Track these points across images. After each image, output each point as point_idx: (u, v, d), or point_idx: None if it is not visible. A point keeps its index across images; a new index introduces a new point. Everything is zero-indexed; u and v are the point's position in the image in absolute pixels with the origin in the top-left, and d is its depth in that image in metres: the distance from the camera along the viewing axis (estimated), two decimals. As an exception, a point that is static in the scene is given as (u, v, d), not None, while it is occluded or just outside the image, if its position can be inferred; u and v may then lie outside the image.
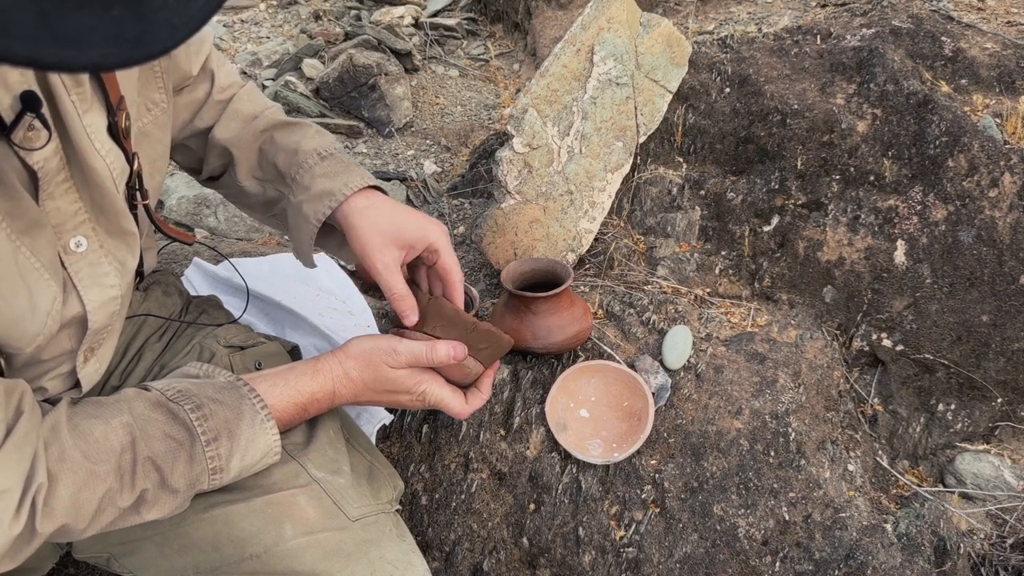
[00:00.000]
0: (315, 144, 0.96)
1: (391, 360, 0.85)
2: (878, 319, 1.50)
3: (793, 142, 1.59)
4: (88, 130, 0.70)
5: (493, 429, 1.30)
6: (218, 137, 0.99)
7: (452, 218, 2.07)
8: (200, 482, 0.75)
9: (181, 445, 0.73)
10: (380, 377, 0.86)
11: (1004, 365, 1.46)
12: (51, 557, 0.95)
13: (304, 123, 1.02)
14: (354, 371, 0.85)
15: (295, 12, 3.28)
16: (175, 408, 0.74)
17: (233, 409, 0.77)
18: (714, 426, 1.28)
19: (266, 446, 0.78)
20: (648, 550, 1.17)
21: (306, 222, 0.92)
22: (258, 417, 0.78)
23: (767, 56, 1.74)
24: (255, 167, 1.00)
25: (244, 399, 0.78)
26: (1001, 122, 1.55)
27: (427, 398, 0.89)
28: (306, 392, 0.83)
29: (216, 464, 0.75)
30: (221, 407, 0.76)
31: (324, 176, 0.92)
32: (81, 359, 0.78)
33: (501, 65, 3.08)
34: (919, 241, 1.48)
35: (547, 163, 1.54)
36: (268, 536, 0.81)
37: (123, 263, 0.76)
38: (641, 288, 1.58)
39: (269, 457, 0.79)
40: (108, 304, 0.76)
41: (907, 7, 1.80)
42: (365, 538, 0.85)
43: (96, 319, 0.75)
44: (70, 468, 0.67)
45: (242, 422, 0.76)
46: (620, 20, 1.58)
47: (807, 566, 1.16)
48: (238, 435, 0.76)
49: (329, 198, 0.90)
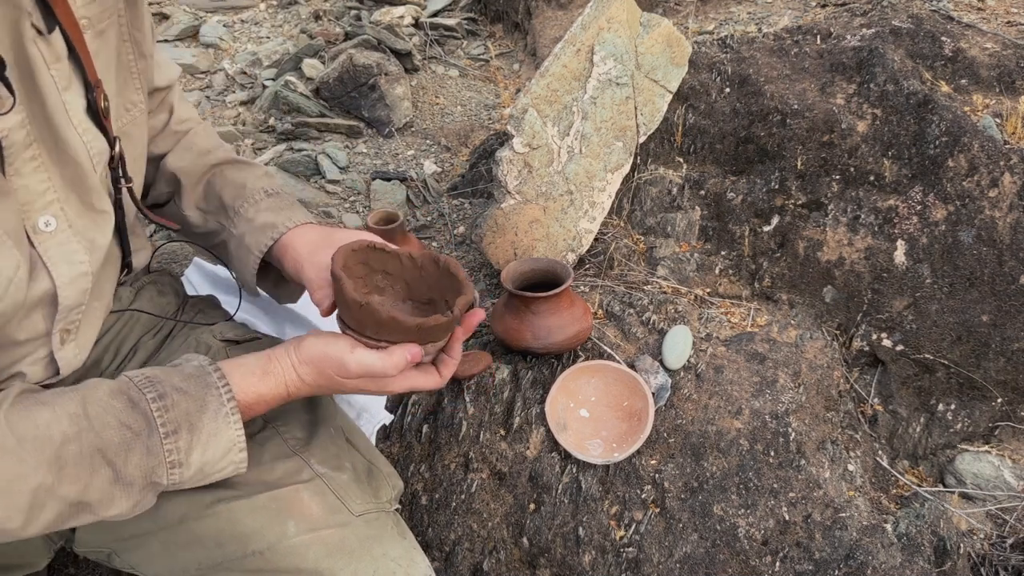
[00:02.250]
0: (263, 183, 0.98)
1: (342, 372, 0.80)
2: (878, 319, 1.50)
3: (793, 142, 1.59)
4: (67, 106, 0.71)
5: (493, 429, 1.30)
6: (170, 165, 1.01)
7: (452, 218, 2.07)
8: (157, 475, 0.71)
9: (137, 436, 0.70)
10: (333, 385, 0.82)
11: (1004, 365, 1.46)
12: (43, 554, 0.93)
13: (253, 163, 1.04)
14: (308, 376, 0.81)
15: (295, 12, 3.28)
16: (136, 396, 0.71)
17: (197, 400, 0.73)
18: (714, 426, 1.28)
19: (229, 441, 0.74)
20: (648, 550, 1.17)
21: (248, 253, 0.93)
22: (223, 410, 0.74)
23: (767, 56, 1.74)
24: (200, 198, 1.01)
25: (210, 389, 0.74)
26: (1001, 122, 1.55)
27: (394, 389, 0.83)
28: (252, 393, 0.78)
29: (175, 457, 0.71)
30: (184, 397, 0.73)
31: (268, 210, 0.94)
32: (57, 340, 0.78)
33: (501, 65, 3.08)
34: (919, 241, 1.48)
35: (547, 163, 1.54)
36: (272, 533, 0.81)
37: (92, 241, 0.76)
38: (641, 288, 1.58)
39: (233, 453, 0.75)
40: (78, 280, 0.75)
41: (907, 7, 1.80)
42: (368, 535, 0.85)
43: (67, 295, 0.74)
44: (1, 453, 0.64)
45: (204, 415, 0.73)
46: (620, 20, 1.58)
47: (807, 566, 1.16)
48: (200, 428, 0.72)
49: (272, 230, 0.92)
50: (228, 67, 2.95)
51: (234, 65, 2.95)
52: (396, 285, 0.91)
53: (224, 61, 2.99)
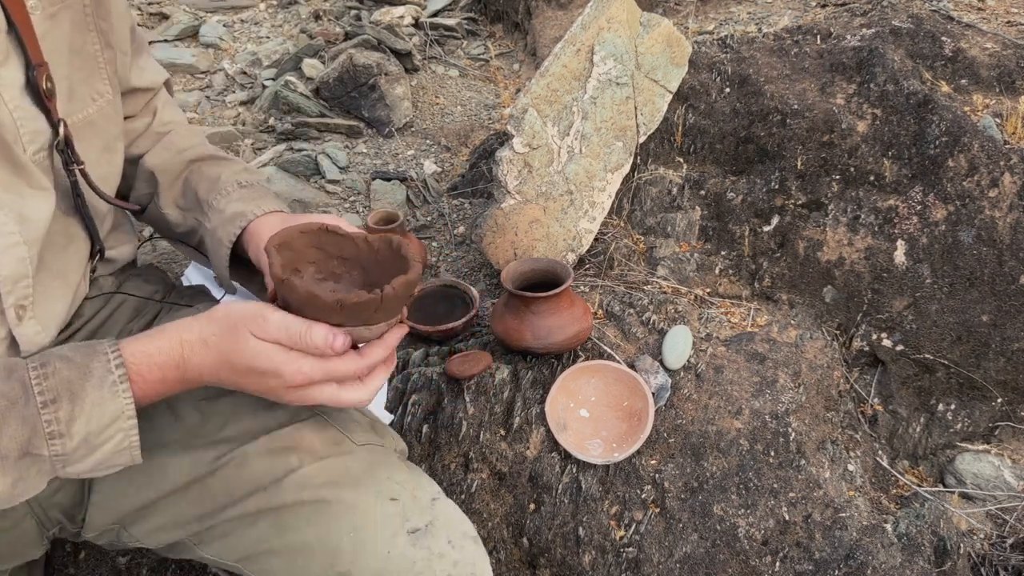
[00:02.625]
0: (238, 177, 0.97)
1: (257, 328, 0.70)
2: (878, 319, 1.50)
3: (793, 142, 1.59)
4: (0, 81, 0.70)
5: (493, 429, 1.30)
6: (147, 164, 1.00)
7: (452, 218, 2.07)
8: (35, 447, 0.66)
9: (13, 404, 0.65)
10: (241, 348, 0.71)
11: (1004, 365, 1.46)
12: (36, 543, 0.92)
13: (233, 158, 1.02)
14: (213, 336, 0.72)
15: (295, 12, 3.28)
16: (15, 365, 0.67)
17: (80, 368, 0.68)
18: (714, 426, 1.28)
19: (116, 410, 0.68)
20: (648, 550, 1.17)
21: (220, 245, 0.91)
22: (110, 377, 0.68)
23: (767, 56, 1.74)
24: (178, 196, 1.00)
25: (96, 356, 0.69)
26: (1001, 122, 1.55)
27: (310, 395, 0.73)
28: (139, 353, 0.71)
29: (55, 428, 0.66)
30: (67, 365, 0.68)
31: (239, 200, 0.93)
32: (13, 315, 0.76)
33: (501, 65, 3.08)
34: (919, 241, 1.48)
35: (547, 163, 1.54)
36: (276, 469, 0.80)
37: (21, 214, 0.74)
38: (641, 288, 1.58)
39: (121, 421, 0.69)
40: (12, 250, 0.73)
41: (907, 7, 1.80)
42: (372, 461, 0.84)
43: (3, 264, 0.73)
44: None
45: (88, 382, 0.68)
46: (620, 20, 1.58)
47: (807, 566, 1.16)
48: (82, 397, 0.67)
49: (240, 219, 0.90)
50: (228, 67, 2.95)
51: (234, 65, 2.95)
52: (353, 271, 0.85)
53: (224, 61, 2.99)
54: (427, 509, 0.84)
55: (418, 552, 0.80)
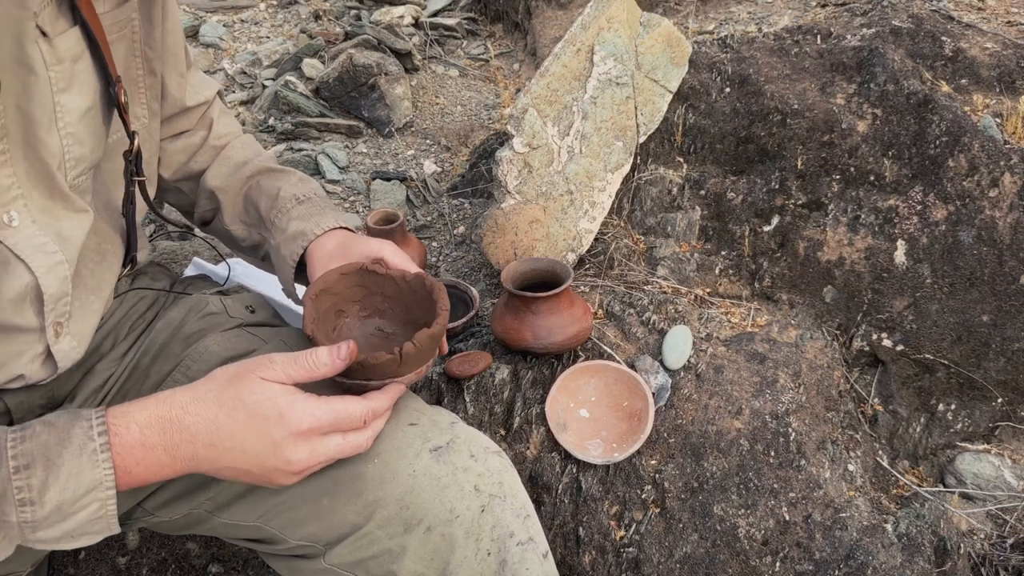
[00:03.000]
0: (295, 190, 0.98)
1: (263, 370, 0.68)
2: (878, 319, 1.50)
3: (793, 142, 1.59)
4: (58, 108, 0.71)
5: (493, 429, 1.30)
6: (208, 183, 1.02)
7: (452, 218, 2.07)
8: (4, 512, 0.62)
9: None
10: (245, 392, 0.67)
11: (1004, 365, 1.46)
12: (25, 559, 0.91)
13: (289, 170, 1.04)
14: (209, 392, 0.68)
15: (295, 12, 3.28)
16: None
17: (60, 433, 0.64)
18: (714, 426, 1.28)
19: (93, 480, 0.63)
20: (648, 550, 1.17)
21: (284, 263, 0.93)
22: (89, 446, 0.64)
23: (767, 56, 1.74)
24: (242, 212, 1.02)
25: (78, 422, 0.65)
26: (1001, 122, 1.55)
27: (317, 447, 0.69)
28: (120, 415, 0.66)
29: (25, 495, 0.62)
30: (48, 429, 0.64)
31: (299, 218, 0.94)
32: (52, 334, 0.77)
33: (501, 65, 3.08)
34: (919, 241, 1.48)
35: (547, 163, 1.54)
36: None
37: (59, 234, 0.75)
38: (641, 288, 1.58)
39: (99, 491, 0.64)
40: (56, 269, 0.75)
41: (907, 7, 1.80)
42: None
43: (48, 283, 0.74)
44: None
45: (66, 449, 0.63)
46: (620, 20, 1.58)
47: (807, 566, 1.16)
48: (59, 465, 0.63)
49: (302, 238, 0.92)
50: (228, 67, 2.95)
51: (234, 65, 2.95)
52: (396, 307, 0.87)
53: (224, 61, 2.99)
54: (447, 429, 0.83)
55: (443, 468, 0.79)
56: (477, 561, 0.77)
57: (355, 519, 0.78)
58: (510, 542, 0.78)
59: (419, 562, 0.77)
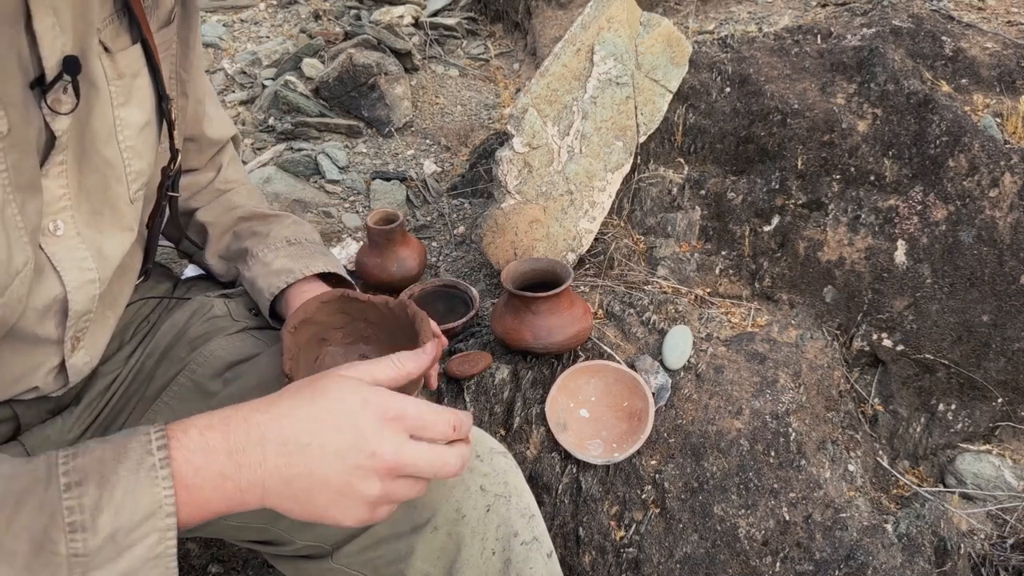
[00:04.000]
0: (287, 232, 0.99)
1: (346, 370, 0.63)
2: (878, 319, 1.50)
3: (793, 142, 1.59)
4: (118, 121, 0.72)
5: (493, 429, 1.30)
6: (199, 217, 1.03)
7: (452, 218, 2.06)
8: (53, 541, 0.50)
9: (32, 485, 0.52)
10: (323, 385, 0.60)
11: (1004, 365, 1.46)
12: None
13: (284, 215, 1.03)
14: (287, 391, 0.61)
15: (295, 12, 3.28)
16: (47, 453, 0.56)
17: (116, 447, 0.54)
18: (714, 426, 1.27)
19: (152, 503, 0.53)
20: (648, 550, 1.17)
21: (260, 295, 0.93)
22: (147, 461, 0.54)
23: (767, 56, 1.74)
24: (224, 248, 1.02)
25: (136, 434, 0.55)
26: (1001, 122, 1.55)
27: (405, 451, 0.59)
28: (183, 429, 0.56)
29: (76, 518, 0.51)
30: (102, 444, 0.55)
31: (287, 257, 0.94)
32: (69, 347, 0.77)
33: (501, 65, 3.08)
34: (919, 241, 1.48)
35: (547, 163, 1.54)
36: None
37: (99, 251, 0.76)
38: (641, 288, 1.58)
39: (158, 519, 0.53)
40: (87, 287, 0.75)
41: (907, 7, 1.80)
42: None
43: (76, 299, 0.74)
44: None
45: (122, 464, 0.53)
46: (620, 20, 1.57)
47: (807, 566, 1.16)
48: (114, 482, 0.52)
49: (287, 275, 0.91)
50: (228, 67, 2.95)
51: (234, 65, 2.95)
52: (380, 334, 0.85)
53: (224, 61, 2.99)
54: None
55: None
56: (482, 560, 0.78)
57: None
58: (514, 541, 0.79)
59: (426, 561, 0.78)
